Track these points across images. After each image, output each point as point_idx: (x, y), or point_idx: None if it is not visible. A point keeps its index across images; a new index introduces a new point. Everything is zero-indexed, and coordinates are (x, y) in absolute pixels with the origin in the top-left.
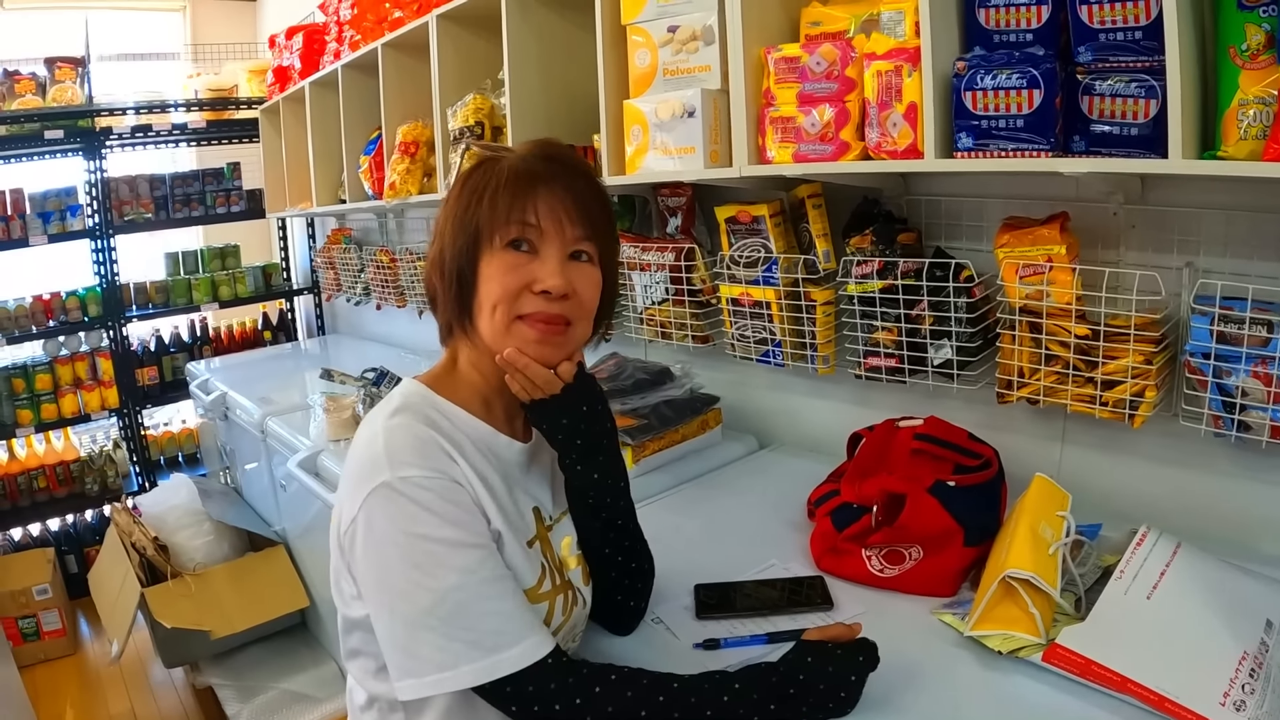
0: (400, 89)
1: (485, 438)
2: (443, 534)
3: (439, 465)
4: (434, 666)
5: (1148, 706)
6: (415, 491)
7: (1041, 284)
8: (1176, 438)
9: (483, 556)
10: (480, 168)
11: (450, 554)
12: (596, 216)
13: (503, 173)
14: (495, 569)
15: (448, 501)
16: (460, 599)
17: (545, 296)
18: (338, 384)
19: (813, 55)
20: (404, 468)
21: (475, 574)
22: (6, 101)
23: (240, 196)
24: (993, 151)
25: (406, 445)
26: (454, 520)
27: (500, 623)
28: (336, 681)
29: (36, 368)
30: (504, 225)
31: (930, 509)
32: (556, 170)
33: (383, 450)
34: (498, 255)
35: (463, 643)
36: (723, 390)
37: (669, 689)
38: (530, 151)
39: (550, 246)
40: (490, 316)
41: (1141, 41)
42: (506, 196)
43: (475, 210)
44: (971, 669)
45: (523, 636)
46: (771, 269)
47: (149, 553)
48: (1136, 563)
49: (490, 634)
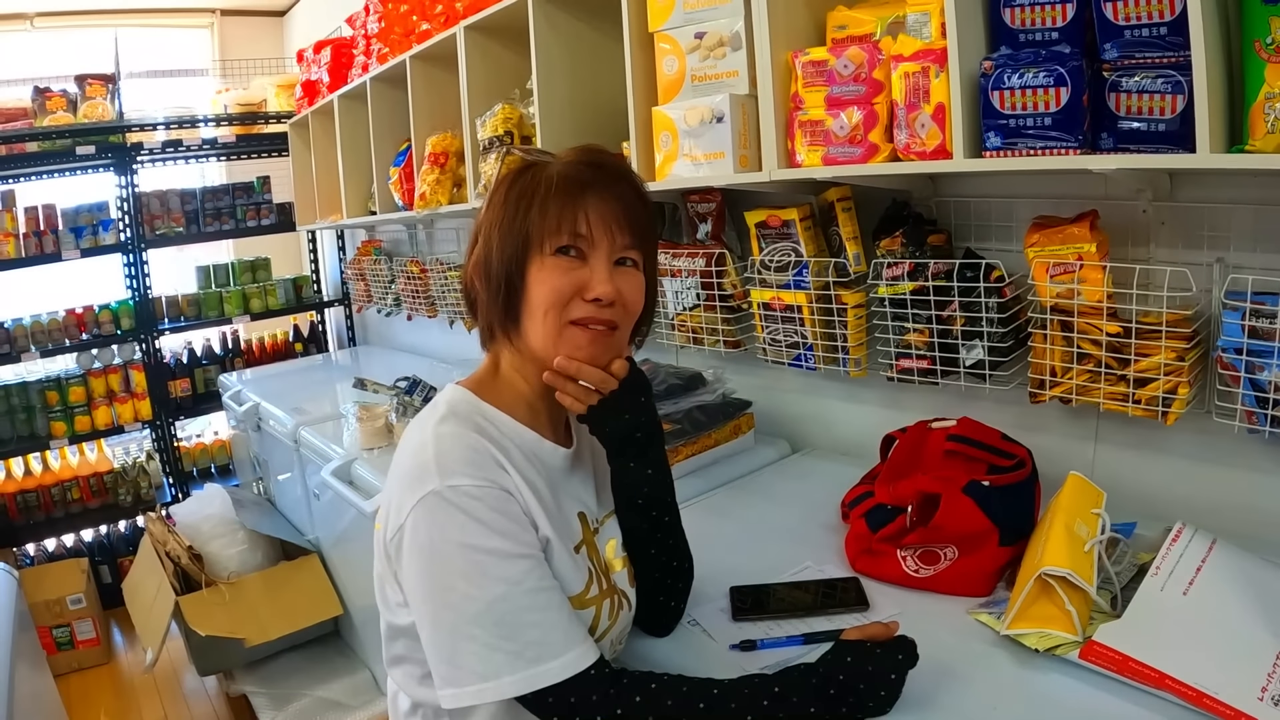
0: (429, 100)
1: (531, 444)
2: (490, 544)
3: (489, 474)
4: (476, 676)
5: (1185, 703)
6: (464, 501)
7: (1072, 282)
8: (1210, 434)
9: (529, 567)
10: (526, 173)
11: (497, 565)
12: (643, 224)
13: (551, 179)
14: (541, 580)
15: (496, 511)
16: (504, 610)
17: (595, 304)
18: (370, 393)
19: (840, 58)
20: (454, 476)
21: (520, 585)
22: (38, 118)
23: (270, 210)
24: (1021, 150)
25: (456, 454)
26: (502, 530)
27: (543, 634)
28: (370, 689)
29: (70, 380)
30: (555, 233)
31: (965, 509)
32: (605, 177)
33: (433, 458)
34: (548, 261)
35: (505, 653)
36: (754, 395)
37: (709, 694)
38: (577, 158)
39: (599, 254)
40: (541, 321)
41: (1167, 37)
42: (557, 204)
43: (524, 216)
44: (1008, 668)
45: (566, 648)
46: (802, 273)
47: (183, 561)
48: (1172, 559)
49: (533, 645)
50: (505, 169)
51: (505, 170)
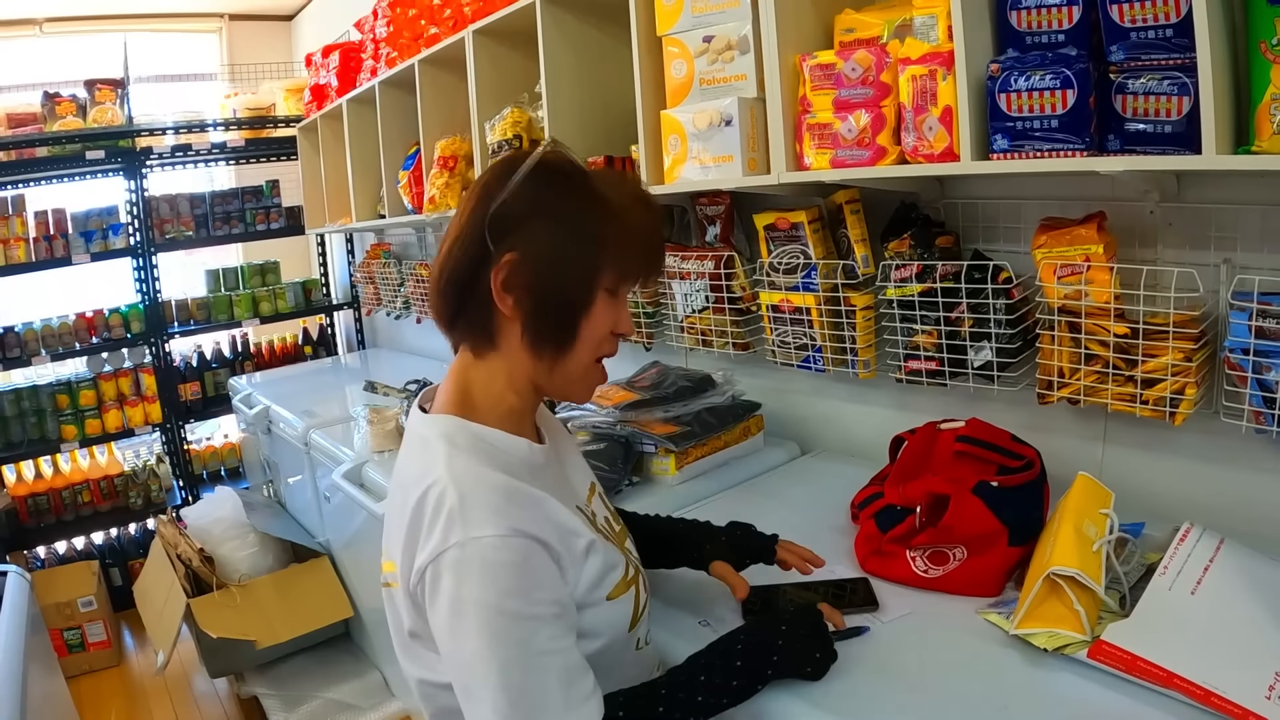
0: (437, 104)
1: (524, 454)
2: (505, 605)
3: (513, 522)
4: None
5: (1194, 701)
6: (488, 554)
7: (1080, 284)
8: (1218, 435)
9: (535, 629)
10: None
11: (508, 626)
12: None
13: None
14: (549, 641)
15: (514, 568)
16: (511, 671)
17: (619, 339)
18: (381, 396)
19: (848, 61)
20: (476, 527)
21: (527, 647)
22: (48, 123)
23: (279, 213)
24: (1028, 152)
25: (479, 500)
26: (517, 590)
27: (548, 697)
28: (380, 691)
29: (80, 384)
30: (631, 279)
31: (974, 509)
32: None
33: (457, 505)
34: (614, 296)
35: (518, 717)
36: (764, 397)
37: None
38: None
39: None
40: (585, 355)
41: (1173, 39)
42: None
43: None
44: (1018, 667)
45: (566, 711)
46: (811, 275)
47: (194, 564)
48: (1180, 559)
49: (536, 709)
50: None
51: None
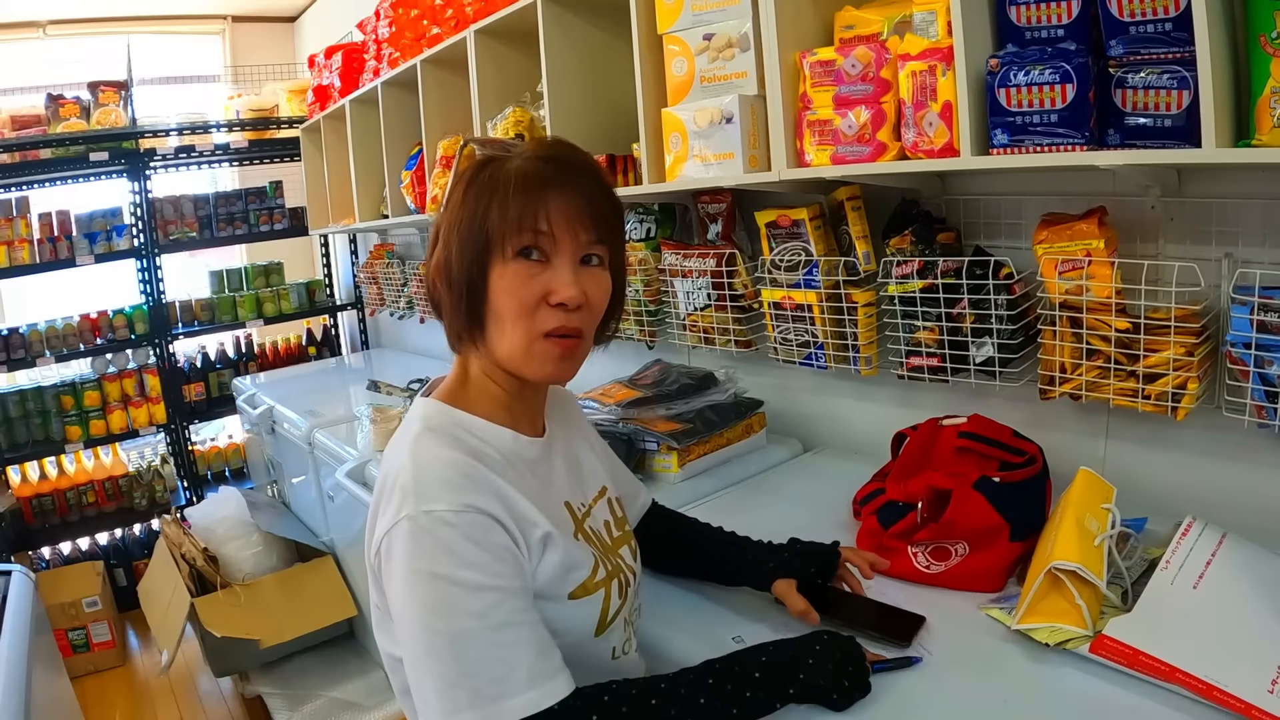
0: (440, 104)
1: (509, 445)
2: (460, 575)
3: (468, 498)
4: (437, 713)
5: (1196, 695)
6: (438, 528)
7: (1081, 279)
8: (1220, 429)
9: (498, 599)
10: (485, 169)
11: (464, 598)
12: (608, 218)
13: (510, 177)
14: (510, 614)
15: (470, 540)
16: (465, 645)
17: (562, 309)
18: (384, 395)
19: (847, 58)
20: (429, 500)
21: (486, 619)
22: (52, 125)
23: (283, 214)
24: (1029, 147)
25: (434, 473)
26: (473, 562)
27: (505, 670)
28: (384, 689)
29: (85, 385)
30: (515, 233)
31: (976, 504)
32: (566, 173)
33: (410, 480)
34: (510, 266)
35: (465, 690)
36: (766, 394)
37: (658, 689)
38: (537, 153)
39: (563, 254)
40: (509, 333)
41: (1172, 33)
42: (517, 202)
43: (484, 216)
44: (1019, 662)
45: (529, 686)
46: (813, 272)
47: (199, 564)
48: (1182, 553)
49: (493, 682)
50: (463, 164)
51: (464, 165)
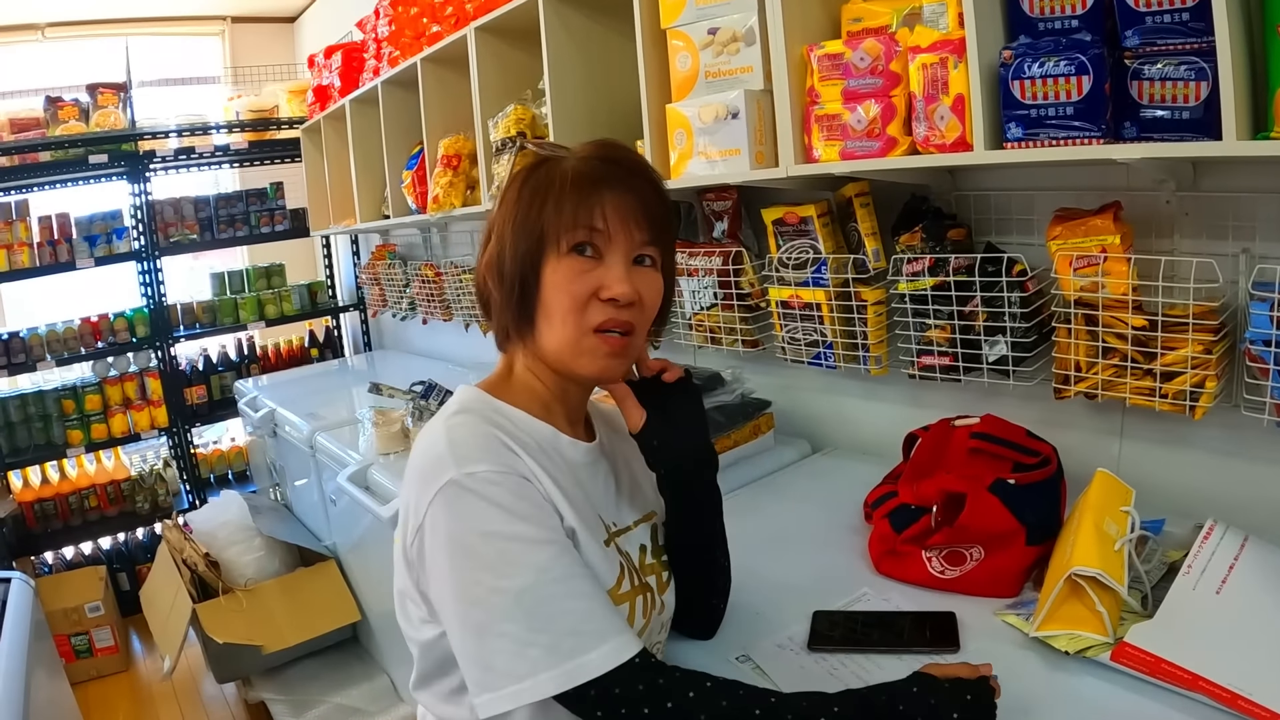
0: (441, 103)
1: (548, 438)
2: (514, 529)
3: (506, 461)
4: (511, 678)
5: (1221, 705)
6: (484, 487)
7: (1096, 275)
8: (1238, 429)
9: (557, 553)
10: (540, 168)
11: (523, 552)
12: (661, 220)
13: (566, 174)
14: (570, 566)
15: (518, 497)
16: (534, 600)
17: (613, 304)
18: (386, 397)
19: (856, 51)
20: (470, 464)
21: (549, 572)
22: (51, 128)
23: (284, 216)
24: (1043, 141)
25: (471, 442)
26: (525, 515)
27: (578, 622)
28: (388, 695)
29: (86, 388)
30: (570, 229)
31: (991, 508)
32: (621, 172)
33: (447, 449)
34: (564, 261)
35: (540, 648)
36: (774, 394)
37: (766, 702)
38: (593, 153)
39: (616, 252)
40: (559, 327)
41: (1189, 23)
42: (573, 199)
43: (539, 212)
44: (1038, 671)
45: (605, 637)
46: (821, 270)
47: (200, 569)
48: (1204, 557)
49: (569, 636)
50: (519, 164)
51: (519, 166)
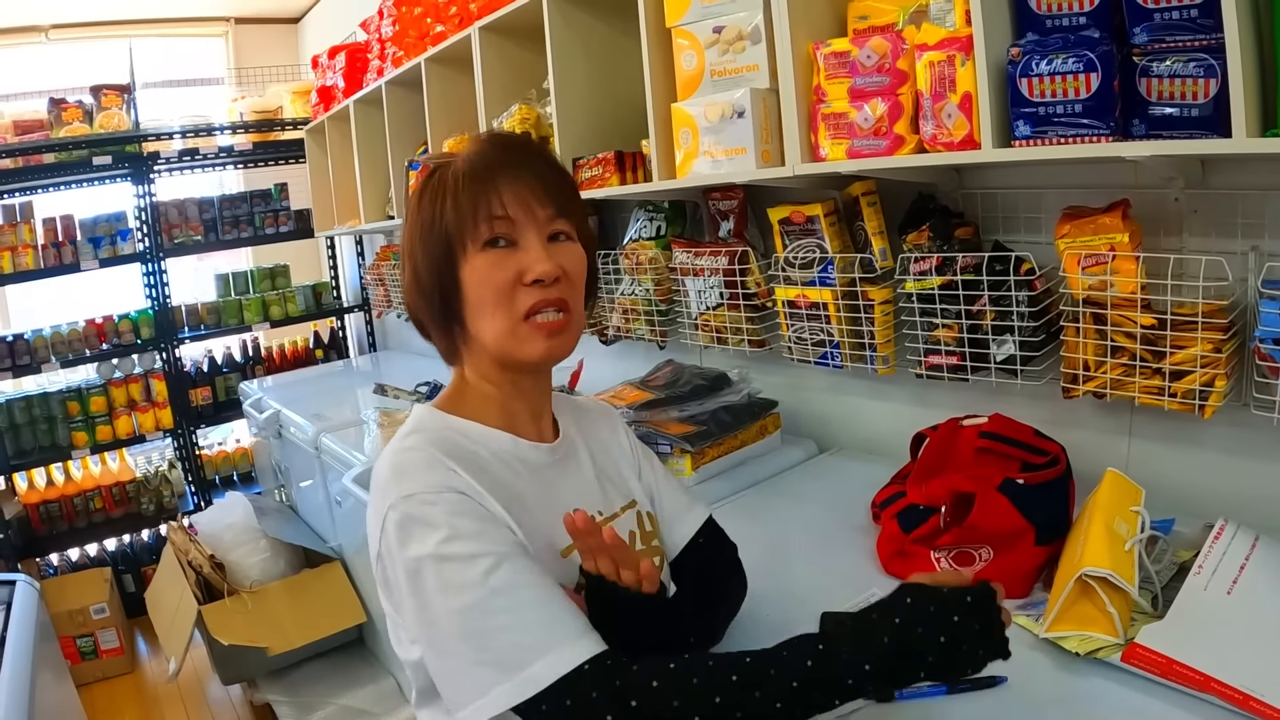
0: (445, 102)
1: (507, 448)
2: (452, 549)
3: (439, 479)
4: (472, 694)
5: (1232, 706)
6: (420, 509)
7: (1105, 274)
8: (1248, 428)
9: (493, 563)
10: (433, 176)
11: (462, 570)
12: (564, 194)
13: (459, 174)
14: (515, 575)
15: (454, 514)
16: (479, 615)
17: (539, 286)
18: (391, 398)
19: (863, 49)
20: (405, 486)
21: (487, 586)
22: (55, 130)
23: (288, 217)
24: (1052, 138)
25: (408, 463)
26: (463, 532)
27: (519, 635)
28: (394, 696)
29: (91, 390)
30: (474, 224)
31: (1000, 508)
32: (512, 158)
33: (389, 473)
34: (479, 257)
35: (488, 665)
36: (780, 394)
37: (742, 664)
38: (479, 147)
39: (528, 234)
40: (492, 320)
41: (1198, 20)
42: (469, 194)
43: (441, 217)
44: (1048, 672)
45: (551, 647)
46: (827, 269)
47: (205, 570)
48: (1215, 557)
49: (513, 649)
50: (417, 183)
51: (415, 183)
